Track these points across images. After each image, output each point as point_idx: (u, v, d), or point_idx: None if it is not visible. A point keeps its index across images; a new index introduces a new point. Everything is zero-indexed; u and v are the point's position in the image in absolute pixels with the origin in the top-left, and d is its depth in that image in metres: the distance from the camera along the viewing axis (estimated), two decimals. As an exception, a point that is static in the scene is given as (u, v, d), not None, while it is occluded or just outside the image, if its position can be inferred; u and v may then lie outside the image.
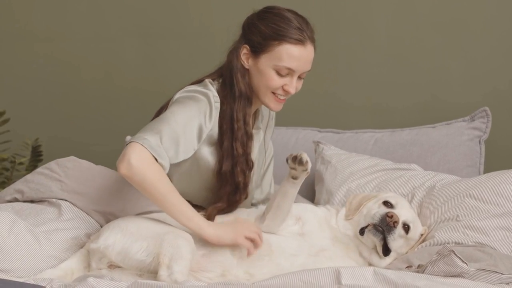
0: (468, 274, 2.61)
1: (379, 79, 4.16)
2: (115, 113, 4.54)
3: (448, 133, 3.78)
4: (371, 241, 2.99)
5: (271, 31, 3.04)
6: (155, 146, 2.85)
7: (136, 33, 4.49)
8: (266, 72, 3.06)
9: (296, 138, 3.99)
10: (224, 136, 3.09)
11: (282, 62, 3.04)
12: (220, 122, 3.09)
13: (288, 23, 3.05)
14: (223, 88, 3.13)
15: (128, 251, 2.81)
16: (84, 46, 4.56)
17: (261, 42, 3.05)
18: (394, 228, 2.97)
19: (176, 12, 4.44)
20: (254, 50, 3.08)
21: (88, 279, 2.54)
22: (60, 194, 3.18)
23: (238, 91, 3.09)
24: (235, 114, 3.08)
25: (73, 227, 3.06)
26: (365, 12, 4.18)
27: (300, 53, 3.05)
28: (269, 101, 3.12)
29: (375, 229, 2.97)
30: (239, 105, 3.09)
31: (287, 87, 3.08)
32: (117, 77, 4.53)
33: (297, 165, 2.83)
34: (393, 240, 2.97)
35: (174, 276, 2.67)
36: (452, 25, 4.07)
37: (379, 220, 2.97)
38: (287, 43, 3.03)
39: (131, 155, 2.81)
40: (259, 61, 3.07)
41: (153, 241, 2.80)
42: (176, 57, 4.44)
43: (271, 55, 3.04)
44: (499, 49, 4.02)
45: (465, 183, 3.23)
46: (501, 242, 3.01)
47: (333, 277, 2.50)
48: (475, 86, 4.05)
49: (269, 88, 3.08)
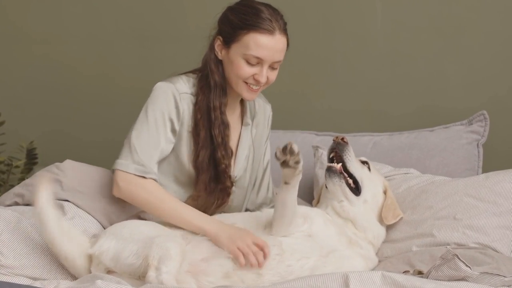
0: (472, 277, 2.63)
1: (376, 83, 4.18)
2: (112, 116, 4.53)
3: (447, 136, 3.79)
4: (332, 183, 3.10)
5: (239, 21, 3.11)
6: (132, 165, 3.06)
7: (132, 35, 4.48)
8: (236, 61, 3.12)
9: (294, 141, 3.97)
10: (200, 126, 3.17)
11: (249, 51, 3.08)
12: (195, 113, 3.17)
13: (257, 13, 3.10)
14: (200, 80, 3.21)
15: (119, 256, 2.84)
16: (80, 49, 4.54)
17: (231, 32, 3.13)
18: (346, 144, 3.11)
19: (172, 14, 4.43)
20: (226, 41, 3.15)
21: (96, 282, 2.55)
22: (61, 194, 3.19)
23: (213, 81, 3.17)
24: (212, 104, 3.16)
25: (76, 226, 3.07)
26: (364, 17, 4.19)
27: (268, 43, 3.09)
28: (242, 90, 3.17)
29: (330, 160, 3.13)
30: (215, 95, 3.16)
31: (257, 76, 3.13)
32: (113, 79, 4.52)
33: (288, 155, 2.81)
34: (349, 160, 3.11)
35: (162, 277, 2.69)
36: (450, 30, 4.08)
37: (329, 149, 3.14)
38: (255, 32, 3.08)
39: (118, 181, 3.08)
40: (230, 51, 3.14)
41: (143, 244, 2.82)
42: (172, 59, 4.44)
43: (239, 44, 3.10)
44: (496, 54, 4.04)
45: (463, 182, 3.27)
46: (501, 241, 3.06)
47: (341, 282, 2.51)
48: (473, 91, 4.06)
49: (240, 77, 3.13)
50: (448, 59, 4.09)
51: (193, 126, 3.17)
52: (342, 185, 3.10)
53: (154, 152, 3.10)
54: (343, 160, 3.12)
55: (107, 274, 2.79)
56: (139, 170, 3.05)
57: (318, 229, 3.05)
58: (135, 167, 3.05)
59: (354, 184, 3.14)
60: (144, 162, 3.06)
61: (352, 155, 3.15)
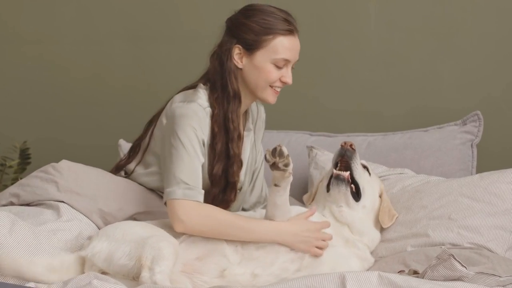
0: (468, 277, 2.63)
1: (370, 84, 4.18)
2: (104, 116, 4.52)
3: (441, 137, 3.80)
4: (338, 190, 3.08)
5: (262, 26, 3.10)
6: (189, 192, 2.96)
7: (125, 36, 4.48)
8: (264, 67, 3.11)
9: (288, 142, 3.99)
10: (217, 139, 3.13)
11: (279, 55, 3.10)
12: (212, 126, 3.13)
13: (275, 16, 3.12)
14: (213, 92, 3.16)
15: (112, 257, 2.83)
16: (73, 49, 4.54)
17: (255, 39, 3.10)
18: (354, 152, 3.09)
19: (166, 15, 4.43)
20: (248, 48, 3.12)
21: (93, 282, 2.54)
22: (57, 196, 3.18)
23: (233, 92, 3.14)
24: (230, 115, 3.13)
25: (71, 229, 3.07)
26: (358, 17, 4.19)
27: (292, 43, 3.14)
28: (268, 95, 3.17)
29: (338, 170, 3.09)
30: (234, 106, 3.14)
31: (285, 78, 3.15)
32: (106, 80, 4.51)
33: (277, 158, 2.81)
34: (356, 169, 3.10)
35: (155, 277, 2.68)
36: (443, 31, 4.09)
37: (337, 155, 3.12)
38: (280, 35, 3.10)
39: (177, 213, 2.94)
40: (254, 58, 3.12)
41: (136, 245, 2.81)
42: (166, 60, 4.44)
43: (266, 50, 3.10)
44: (490, 55, 4.05)
45: (458, 182, 3.27)
46: (495, 242, 3.07)
47: (338, 282, 2.51)
48: (466, 92, 4.07)
49: (269, 82, 3.13)
50: (442, 59, 4.10)
51: (211, 138, 3.14)
52: (347, 193, 3.09)
53: (199, 178, 3.02)
54: (351, 168, 3.10)
55: (102, 274, 2.78)
56: (195, 197, 2.97)
57: None
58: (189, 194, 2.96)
59: (355, 190, 3.14)
60: (192, 186, 2.98)
61: (359, 163, 3.15)
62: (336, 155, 3.14)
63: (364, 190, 3.13)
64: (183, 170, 2.98)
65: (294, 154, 3.89)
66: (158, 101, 4.39)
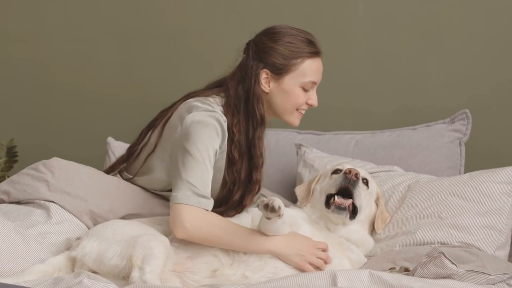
0: (458, 275, 2.64)
1: (358, 82, 4.19)
2: (91, 114, 4.51)
3: (429, 135, 3.80)
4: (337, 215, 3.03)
5: (290, 50, 3.10)
6: (195, 198, 2.89)
7: (112, 34, 4.46)
8: (292, 91, 3.11)
9: (277, 140, 3.98)
10: (239, 166, 3.10)
11: (307, 78, 3.11)
12: (231, 151, 3.09)
13: (300, 39, 3.12)
14: (232, 116, 3.10)
15: (103, 257, 2.82)
16: (60, 47, 4.52)
17: (284, 63, 3.09)
18: (358, 181, 3.03)
19: (152, 13, 4.42)
20: (277, 73, 3.10)
21: (83, 281, 2.53)
22: (48, 195, 3.16)
23: (260, 117, 3.11)
24: (257, 142, 3.10)
25: (62, 231, 3.05)
26: (346, 15, 4.20)
27: (319, 65, 3.16)
28: (294, 118, 3.18)
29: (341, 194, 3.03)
30: (261, 132, 3.12)
31: (311, 100, 3.17)
32: (93, 77, 4.50)
33: (269, 212, 2.77)
34: (358, 196, 3.03)
35: (145, 277, 2.68)
36: (432, 29, 4.10)
37: (340, 182, 3.04)
38: (308, 58, 3.11)
39: (182, 219, 2.86)
40: (283, 82, 3.12)
41: (126, 244, 2.80)
42: (152, 58, 4.43)
43: (296, 73, 3.10)
44: (478, 53, 4.06)
45: (448, 181, 3.28)
46: (485, 241, 3.07)
47: (329, 280, 2.52)
48: (455, 90, 4.08)
49: (296, 105, 3.14)
50: (430, 57, 4.11)
51: (228, 164, 3.10)
52: (346, 218, 3.06)
53: (209, 187, 2.96)
54: (353, 196, 3.04)
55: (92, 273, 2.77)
56: (202, 203, 2.90)
57: (306, 234, 3.04)
58: (198, 200, 2.90)
59: (353, 209, 3.08)
60: (204, 194, 2.92)
61: (361, 188, 3.08)
62: (339, 182, 3.05)
63: (361, 208, 3.08)
64: (196, 177, 2.92)
65: (283, 152, 3.91)
66: (145, 98, 4.41)
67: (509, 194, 3.17)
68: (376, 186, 3.24)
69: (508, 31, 4.02)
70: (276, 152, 3.93)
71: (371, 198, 3.18)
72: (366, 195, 3.12)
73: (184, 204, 2.87)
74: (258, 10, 4.26)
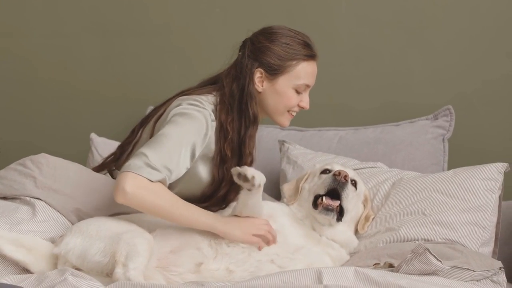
0: (443, 272, 2.66)
1: (341, 78, 4.18)
2: (73, 110, 4.48)
3: (412, 131, 3.81)
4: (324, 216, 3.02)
5: (286, 51, 3.10)
6: (145, 168, 2.84)
7: (93, 30, 4.44)
8: (285, 92, 3.12)
9: (260, 136, 3.94)
10: (229, 164, 3.09)
11: (301, 80, 3.12)
12: (224, 148, 3.08)
13: (297, 41, 3.13)
14: (227, 115, 3.10)
15: (86, 254, 2.81)
16: (42, 43, 4.48)
17: (279, 64, 3.10)
18: (346, 183, 3.02)
19: (134, 9, 4.40)
20: (271, 73, 3.11)
21: (68, 278, 2.52)
22: (34, 192, 3.12)
23: (253, 116, 3.11)
24: (247, 140, 3.10)
25: (46, 230, 3.01)
26: (328, 11, 4.19)
27: (313, 68, 3.17)
28: (284, 119, 3.19)
29: (329, 195, 3.02)
30: (253, 131, 3.12)
31: (303, 103, 3.17)
32: (75, 73, 4.47)
33: (242, 181, 2.78)
34: (346, 197, 3.03)
35: (129, 274, 2.67)
36: (415, 26, 4.11)
37: (329, 184, 3.03)
38: (303, 61, 3.12)
39: (124, 184, 2.81)
40: (276, 83, 3.12)
41: (110, 241, 2.79)
42: (134, 54, 4.41)
43: (290, 75, 3.11)
44: (462, 51, 4.07)
45: (432, 178, 3.28)
46: (469, 237, 3.08)
47: (314, 278, 2.52)
48: (438, 88, 4.08)
49: (288, 107, 3.15)
50: (413, 54, 4.11)
51: (220, 161, 3.09)
52: (333, 219, 3.05)
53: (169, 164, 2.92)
54: (341, 198, 3.03)
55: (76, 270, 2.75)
56: (149, 173, 2.85)
57: (284, 226, 3.05)
58: (149, 171, 2.85)
59: (340, 211, 3.07)
60: (157, 167, 2.87)
61: (350, 190, 3.07)
62: (328, 183, 3.04)
63: (347, 210, 3.07)
64: (155, 152, 2.89)
65: (266, 148, 3.90)
66: (128, 94, 4.38)
67: (493, 191, 3.18)
68: (364, 188, 3.24)
69: (491, 28, 4.04)
70: (259, 149, 3.90)
71: (359, 200, 3.18)
72: (354, 197, 3.12)
73: (131, 172, 2.82)
74: (241, 7, 4.25)
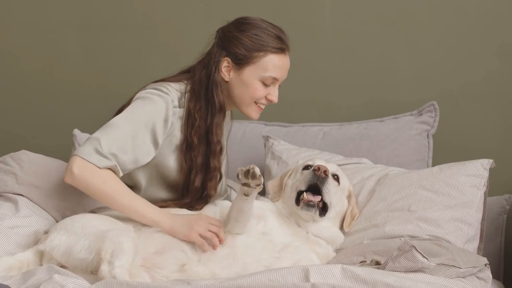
0: (429, 269, 2.67)
1: (325, 74, 4.18)
2: (56, 104, 4.45)
3: (397, 127, 3.81)
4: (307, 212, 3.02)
5: (254, 42, 3.08)
6: (94, 155, 2.89)
7: (77, 24, 4.40)
8: (251, 83, 3.10)
9: (244, 132, 3.97)
10: (197, 151, 3.10)
11: (268, 73, 3.09)
12: (190, 136, 3.09)
13: (268, 33, 3.10)
14: (196, 103, 3.11)
15: (71, 251, 2.81)
16: (24, 37, 4.44)
17: (245, 54, 3.08)
18: (327, 178, 3.02)
19: (119, 3, 4.37)
20: (238, 63, 3.10)
21: (54, 277, 2.51)
22: (16, 188, 3.13)
23: (218, 105, 3.10)
24: (214, 129, 3.10)
25: (30, 225, 3.03)
26: (313, 7, 4.19)
27: (283, 62, 3.13)
28: (251, 111, 3.16)
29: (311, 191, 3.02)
30: (219, 119, 3.11)
31: (271, 96, 3.14)
32: (58, 68, 4.44)
33: (250, 179, 2.78)
34: (328, 192, 3.03)
35: (114, 271, 2.67)
36: (399, 22, 4.10)
37: (309, 179, 3.03)
38: (271, 53, 3.09)
39: (72, 166, 2.89)
40: (243, 73, 3.10)
41: (95, 238, 2.80)
42: (118, 49, 4.38)
43: (256, 66, 3.09)
44: (447, 48, 4.07)
45: (417, 174, 3.28)
46: (454, 234, 3.09)
47: (301, 276, 2.52)
48: (422, 84, 4.08)
49: (254, 98, 3.12)
50: (398, 51, 4.11)
51: (186, 149, 3.11)
52: (315, 214, 3.04)
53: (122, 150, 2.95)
54: (322, 193, 3.03)
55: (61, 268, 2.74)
56: (100, 161, 2.91)
57: (272, 228, 3.05)
58: (97, 157, 2.90)
59: (322, 206, 3.07)
60: (107, 154, 2.92)
61: (331, 185, 3.07)
62: (308, 179, 3.04)
63: (331, 205, 3.07)
64: (108, 138, 2.94)
65: (250, 144, 3.89)
66: (111, 89, 4.36)
67: (478, 187, 3.19)
68: (348, 183, 3.24)
69: (476, 26, 4.05)
70: (243, 144, 3.92)
71: (343, 194, 3.17)
72: (337, 192, 3.12)
73: (81, 157, 2.89)
74: (224, 2, 4.23)
